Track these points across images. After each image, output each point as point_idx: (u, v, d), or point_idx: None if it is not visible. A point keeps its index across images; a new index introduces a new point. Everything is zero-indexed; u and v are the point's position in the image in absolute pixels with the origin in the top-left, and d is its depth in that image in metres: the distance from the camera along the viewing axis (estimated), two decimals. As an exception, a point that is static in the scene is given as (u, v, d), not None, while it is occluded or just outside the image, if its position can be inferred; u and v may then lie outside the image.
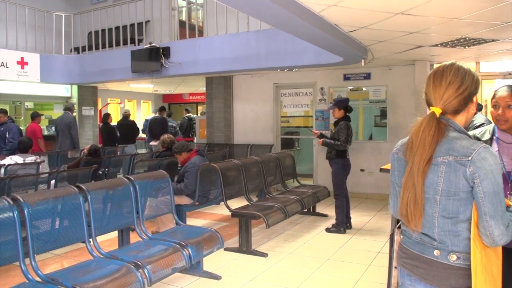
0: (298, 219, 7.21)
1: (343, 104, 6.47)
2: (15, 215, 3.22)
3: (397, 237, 2.78)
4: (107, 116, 11.62)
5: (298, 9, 4.22)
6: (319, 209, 7.63)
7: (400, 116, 8.69)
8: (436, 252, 1.79)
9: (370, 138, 9.49)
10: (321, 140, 6.48)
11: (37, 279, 3.23)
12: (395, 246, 2.79)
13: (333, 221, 6.61)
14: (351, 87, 9.43)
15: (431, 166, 1.77)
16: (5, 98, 13.04)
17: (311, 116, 9.84)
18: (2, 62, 9.86)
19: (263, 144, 10.06)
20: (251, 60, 8.38)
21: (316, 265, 5.04)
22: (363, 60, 7.01)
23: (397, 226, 2.78)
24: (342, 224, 6.44)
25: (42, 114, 11.14)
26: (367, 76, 9.03)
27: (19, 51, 10.30)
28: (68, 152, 9.08)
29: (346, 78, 9.24)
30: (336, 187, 6.49)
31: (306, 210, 7.14)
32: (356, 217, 7.10)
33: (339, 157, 6.42)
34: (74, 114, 11.05)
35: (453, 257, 1.75)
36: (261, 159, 7.11)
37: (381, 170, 2.86)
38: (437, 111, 1.81)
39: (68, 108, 10.36)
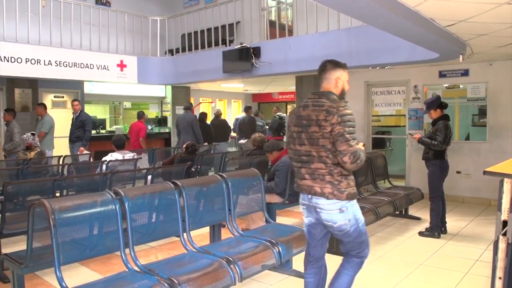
0: (390, 221, 6.99)
1: (435, 104, 6.17)
2: (117, 208, 3.41)
3: (502, 245, 2.59)
4: (204, 115, 11.88)
5: (391, 3, 4.07)
6: (412, 211, 7.35)
7: (502, 115, 8.13)
8: None
9: (467, 138, 8.99)
10: (418, 136, 6.24)
11: (136, 268, 3.39)
12: (500, 255, 2.60)
13: (427, 225, 6.33)
14: (446, 85, 8.96)
15: None
16: (106, 99, 13.99)
17: (404, 115, 9.50)
18: (104, 65, 10.54)
19: (353, 143, 9.83)
20: (342, 58, 7.98)
21: (408, 270, 4.85)
22: (461, 56, 6.61)
23: (502, 232, 2.59)
24: (437, 228, 6.15)
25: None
26: (465, 73, 8.52)
27: (118, 55, 10.96)
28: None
29: (442, 75, 8.80)
30: (432, 190, 6.20)
31: (398, 212, 6.89)
32: (452, 222, 6.73)
33: (436, 158, 6.11)
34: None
35: None
36: (352, 159, 6.94)
37: (485, 172, 2.67)
38: None
39: (188, 108, 10.82)
